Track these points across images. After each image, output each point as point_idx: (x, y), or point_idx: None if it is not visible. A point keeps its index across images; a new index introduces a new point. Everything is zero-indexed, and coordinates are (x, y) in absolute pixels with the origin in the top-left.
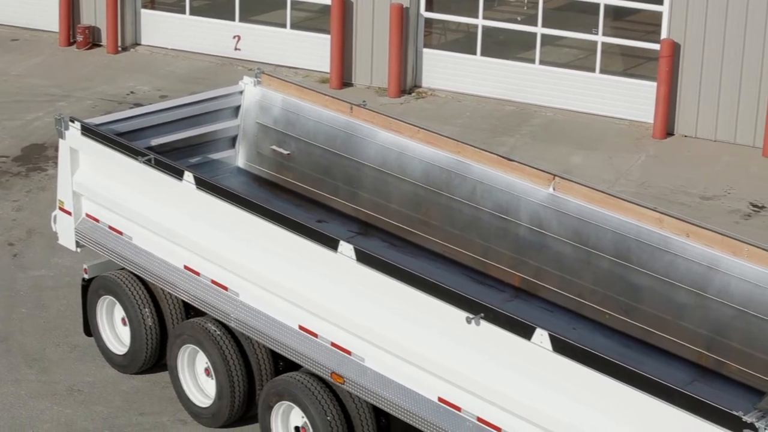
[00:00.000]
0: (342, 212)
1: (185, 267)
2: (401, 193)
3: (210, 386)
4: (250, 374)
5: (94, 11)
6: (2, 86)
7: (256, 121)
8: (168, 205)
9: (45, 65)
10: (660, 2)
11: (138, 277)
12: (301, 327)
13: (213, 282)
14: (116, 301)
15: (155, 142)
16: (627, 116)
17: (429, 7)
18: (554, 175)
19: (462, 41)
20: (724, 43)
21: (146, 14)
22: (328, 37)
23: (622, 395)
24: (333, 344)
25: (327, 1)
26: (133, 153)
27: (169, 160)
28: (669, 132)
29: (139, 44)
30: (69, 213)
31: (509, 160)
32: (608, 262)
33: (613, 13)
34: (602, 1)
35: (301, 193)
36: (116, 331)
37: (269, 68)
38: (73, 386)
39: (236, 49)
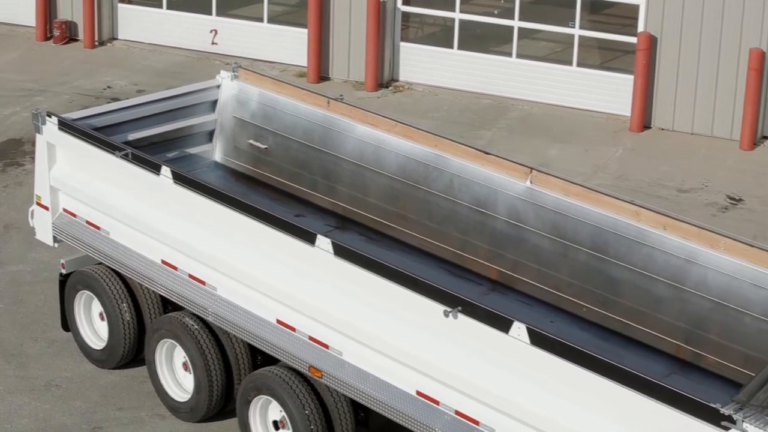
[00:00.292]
0: (319, 206)
1: (163, 262)
2: (379, 187)
3: (188, 381)
4: (228, 369)
5: (71, 6)
6: None
7: (233, 116)
8: (145, 200)
9: (22, 60)
10: None
11: (116, 272)
12: (278, 321)
13: (190, 276)
14: (94, 296)
15: (132, 136)
16: (604, 109)
17: (406, 1)
18: (531, 169)
19: (439, 35)
20: (700, 35)
21: (123, 9)
22: (305, 31)
23: (600, 388)
24: (311, 338)
25: None
26: (111, 148)
27: (147, 154)
28: (646, 125)
29: (116, 39)
30: (46, 208)
31: (486, 153)
32: (586, 255)
33: (590, 6)
34: None
35: (279, 188)
36: (94, 326)
37: (246, 62)
38: (51, 381)
39: (213, 43)
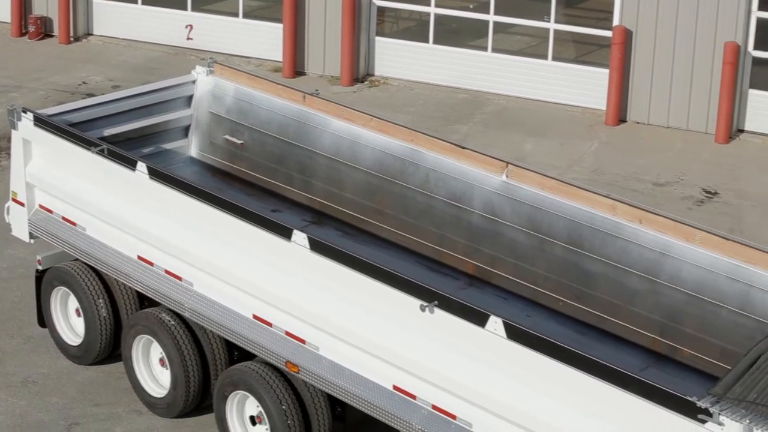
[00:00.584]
0: (295, 201)
1: (139, 257)
2: (355, 181)
3: (165, 376)
4: (204, 364)
5: (46, 2)
6: None
7: (208, 111)
8: (121, 196)
9: None
10: None
11: (92, 268)
12: (255, 316)
13: (167, 272)
14: (70, 292)
15: (108, 132)
16: (579, 103)
17: None
18: (507, 163)
19: (414, 29)
20: (676, 29)
21: (98, 4)
22: (280, 26)
23: (576, 382)
24: (287, 333)
25: None
26: (86, 143)
27: (122, 150)
28: (621, 119)
29: (92, 34)
30: (22, 204)
31: (462, 147)
32: (562, 249)
33: (565, 0)
34: None
35: (255, 183)
36: (70, 322)
37: (222, 58)
38: (28, 377)
39: (188, 38)
